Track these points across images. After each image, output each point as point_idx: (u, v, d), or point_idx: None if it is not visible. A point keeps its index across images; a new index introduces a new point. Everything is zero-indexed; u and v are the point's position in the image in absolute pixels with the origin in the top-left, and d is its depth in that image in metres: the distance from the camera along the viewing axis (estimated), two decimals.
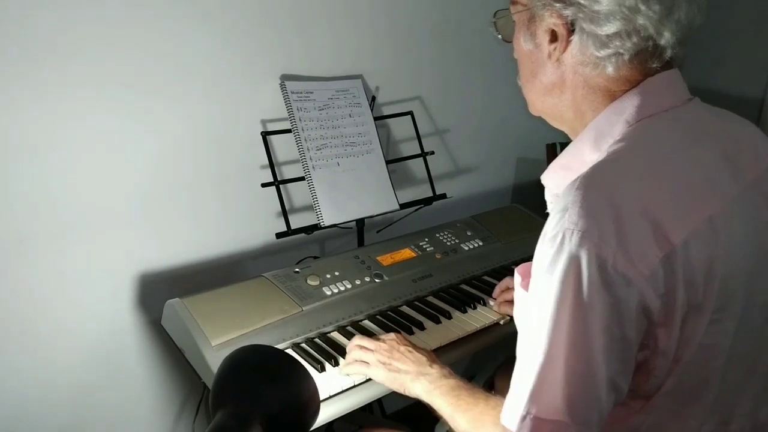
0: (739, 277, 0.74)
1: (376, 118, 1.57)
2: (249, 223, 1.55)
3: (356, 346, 1.13)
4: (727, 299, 0.73)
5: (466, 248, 1.56)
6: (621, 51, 0.75)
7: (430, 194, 1.64)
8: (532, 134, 2.06)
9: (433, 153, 1.66)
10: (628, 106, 0.77)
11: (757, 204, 0.78)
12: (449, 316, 1.32)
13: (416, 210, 1.64)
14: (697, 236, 0.69)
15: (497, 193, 2.10)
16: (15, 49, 1.15)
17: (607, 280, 0.66)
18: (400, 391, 1.04)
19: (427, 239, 1.55)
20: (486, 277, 1.49)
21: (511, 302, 1.28)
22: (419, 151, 1.64)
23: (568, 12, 0.75)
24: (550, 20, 0.78)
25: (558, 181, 0.82)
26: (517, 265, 1.52)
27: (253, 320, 1.20)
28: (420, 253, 1.50)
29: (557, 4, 0.76)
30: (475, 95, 1.92)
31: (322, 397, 1.05)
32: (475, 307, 1.36)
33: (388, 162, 1.56)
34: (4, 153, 1.19)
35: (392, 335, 1.13)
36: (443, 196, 1.65)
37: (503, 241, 1.61)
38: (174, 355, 1.46)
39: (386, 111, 1.69)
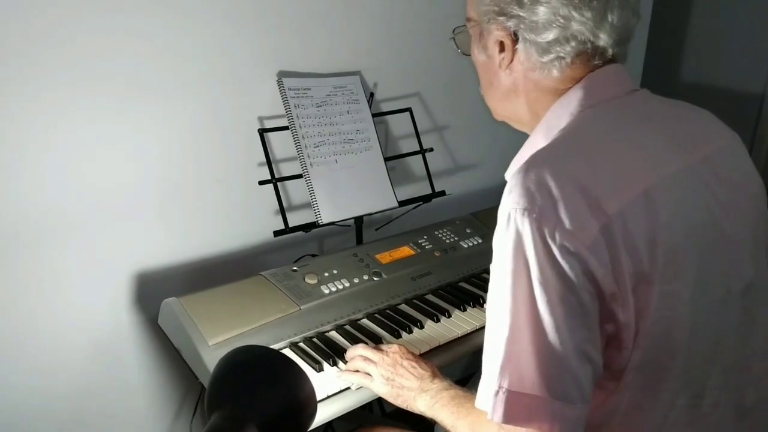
0: (687, 247, 0.77)
1: (374, 115, 1.56)
2: (246, 221, 1.54)
3: (359, 356, 1.11)
4: (677, 269, 0.76)
5: (466, 246, 1.55)
6: (562, 54, 0.82)
7: (429, 191, 1.63)
8: None
9: (431, 150, 1.65)
10: (573, 99, 0.84)
11: (706, 181, 0.81)
12: (449, 315, 1.31)
13: (415, 207, 1.63)
14: (633, 207, 0.74)
15: (496, 190, 2.07)
16: (12, 47, 1.14)
17: (551, 253, 0.71)
18: (403, 407, 1.04)
19: (426, 237, 1.54)
20: (485, 275, 1.49)
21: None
22: (418, 148, 1.63)
23: (511, 24, 0.83)
24: (496, 32, 0.86)
25: None
26: None
27: (251, 319, 1.20)
28: (419, 250, 1.49)
29: (500, 18, 0.84)
30: (474, 91, 1.89)
31: (320, 397, 1.05)
32: (474, 306, 1.35)
33: (386, 159, 1.55)
34: (2, 152, 1.18)
35: (395, 347, 1.11)
36: (442, 193, 1.64)
37: None
38: (171, 354, 1.45)
39: (384, 107, 1.68)
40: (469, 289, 1.43)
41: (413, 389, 1.03)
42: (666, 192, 0.77)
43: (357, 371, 1.11)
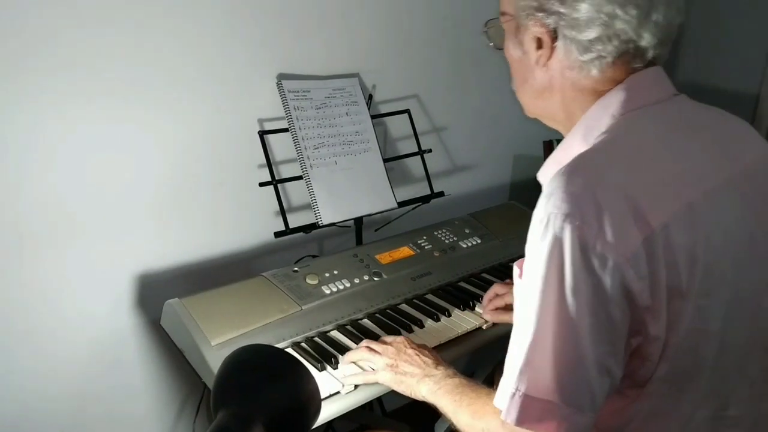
0: (725, 263, 0.76)
1: (373, 117, 1.57)
2: (247, 223, 1.55)
3: (364, 347, 1.13)
4: (712, 284, 0.75)
5: (465, 246, 1.56)
6: (603, 54, 0.79)
7: (428, 192, 1.64)
8: (529, 131, 2.05)
9: (430, 151, 1.66)
10: (614, 101, 0.81)
11: (744, 193, 0.80)
12: (448, 314, 1.32)
13: (414, 208, 1.64)
14: (677, 220, 0.72)
15: (495, 191, 2.10)
16: (16, 48, 1.15)
17: (589, 262, 0.68)
18: (407, 393, 1.05)
19: (425, 237, 1.55)
20: (485, 275, 1.50)
21: (502, 309, 1.29)
22: (417, 149, 1.64)
23: (550, 21, 0.80)
24: (534, 29, 0.82)
25: (550, 176, 0.83)
26: (514, 261, 1.54)
27: (253, 320, 1.20)
28: (418, 251, 1.50)
29: (539, 14, 0.80)
30: (472, 93, 1.92)
31: (322, 396, 1.06)
32: (474, 305, 1.36)
33: (385, 160, 1.56)
34: (6, 154, 1.19)
35: (400, 338, 1.13)
36: (441, 193, 1.65)
37: (501, 238, 1.61)
38: (174, 355, 1.46)
39: (383, 109, 1.69)
40: (468, 288, 1.44)
41: (416, 375, 1.04)
42: (708, 207, 0.75)
43: (357, 371, 1.11)
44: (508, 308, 1.29)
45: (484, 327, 1.30)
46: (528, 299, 0.73)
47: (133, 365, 1.47)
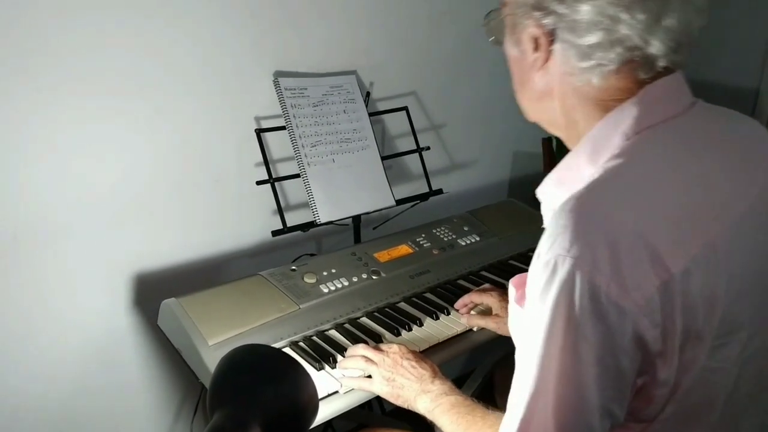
0: (744, 301, 0.71)
1: (370, 114, 1.56)
2: (244, 221, 1.54)
3: (360, 356, 1.11)
4: (731, 326, 0.70)
5: (463, 243, 1.55)
6: (604, 62, 0.71)
7: (427, 190, 1.63)
8: (527, 128, 2.03)
9: (428, 148, 1.66)
10: (626, 117, 0.72)
11: (762, 214, 0.74)
12: (447, 312, 1.31)
13: (412, 206, 1.63)
14: (698, 263, 0.66)
15: (493, 188, 2.09)
16: (8, 49, 1.14)
17: (600, 310, 0.63)
18: (404, 406, 1.04)
19: (423, 235, 1.54)
20: (483, 273, 1.49)
21: (479, 314, 1.29)
22: (415, 147, 1.64)
23: (548, 21, 0.72)
24: (530, 29, 0.74)
25: (552, 198, 0.78)
26: (513, 259, 1.54)
27: (250, 319, 1.20)
28: (417, 249, 1.49)
29: (536, 13, 0.73)
30: (470, 90, 1.91)
31: (321, 395, 1.05)
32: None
33: (383, 158, 1.55)
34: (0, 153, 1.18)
35: (395, 347, 1.11)
36: (439, 191, 1.65)
37: (500, 235, 1.61)
38: (171, 355, 1.45)
39: (381, 106, 1.68)
40: (467, 286, 1.43)
41: (413, 389, 1.03)
42: (729, 242, 0.69)
43: (355, 374, 1.11)
44: (485, 312, 1.29)
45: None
46: (530, 345, 0.68)
47: (130, 365, 1.46)
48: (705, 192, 0.70)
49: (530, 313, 0.69)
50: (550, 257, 0.65)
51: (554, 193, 0.77)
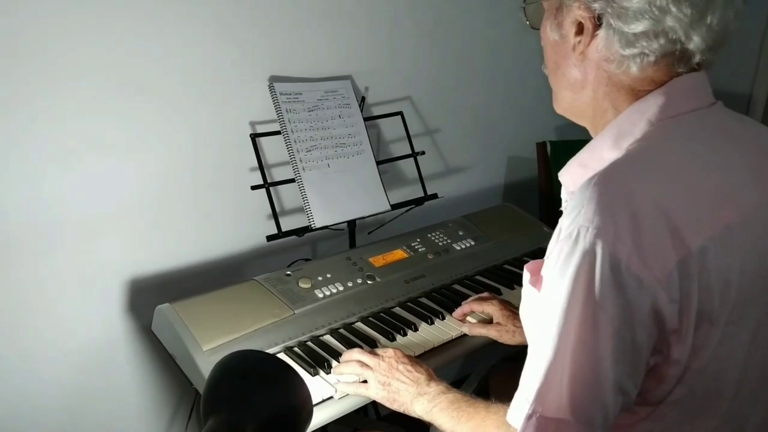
0: (756, 289, 0.72)
1: (366, 119, 1.56)
2: (239, 226, 1.54)
3: (356, 361, 1.11)
4: (742, 311, 0.71)
5: (459, 248, 1.55)
6: (647, 51, 0.73)
7: (422, 194, 1.63)
8: (522, 133, 2.06)
9: (423, 153, 1.66)
10: (652, 105, 0.75)
11: None
12: (442, 317, 1.31)
13: (408, 210, 1.63)
14: (715, 243, 0.68)
15: (488, 193, 2.10)
16: (5, 51, 1.14)
17: (620, 281, 0.64)
18: (401, 411, 1.04)
19: (419, 240, 1.54)
20: (479, 277, 1.49)
21: (478, 323, 1.28)
22: (410, 152, 1.64)
23: (597, 5, 0.73)
24: (577, 12, 0.76)
25: (575, 178, 0.80)
26: (509, 263, 1.54)
27: (245, 324, 1.19)
28: (412, 253, 1.49)
29: None
30: (466, 95, 1.92)
31: (316, 401, 1.05)
32: None
33: (378, 162, 1.55)
34: None
35: (390, 352, 1.10)
36: (434, 196, 1.65)
37: (495, 240, 1.61)
38: (165, 361, 1.45)
39: (376, 111, 1.68)
40: (462, 291, 1.43)
41: (410, 393, 1.03)
42: (745, 230, 0.71)
43: (350, 379, 1.10)
44: (485, 321, 1.29)
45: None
46: (549, 315, 0.69)
47: (125, 371, 1.45)
48: (724, 178, 0.72)
49: (549, 286, 0.70)
50: (573, 228, 0.67)
51: (575, 176, 0.80)
